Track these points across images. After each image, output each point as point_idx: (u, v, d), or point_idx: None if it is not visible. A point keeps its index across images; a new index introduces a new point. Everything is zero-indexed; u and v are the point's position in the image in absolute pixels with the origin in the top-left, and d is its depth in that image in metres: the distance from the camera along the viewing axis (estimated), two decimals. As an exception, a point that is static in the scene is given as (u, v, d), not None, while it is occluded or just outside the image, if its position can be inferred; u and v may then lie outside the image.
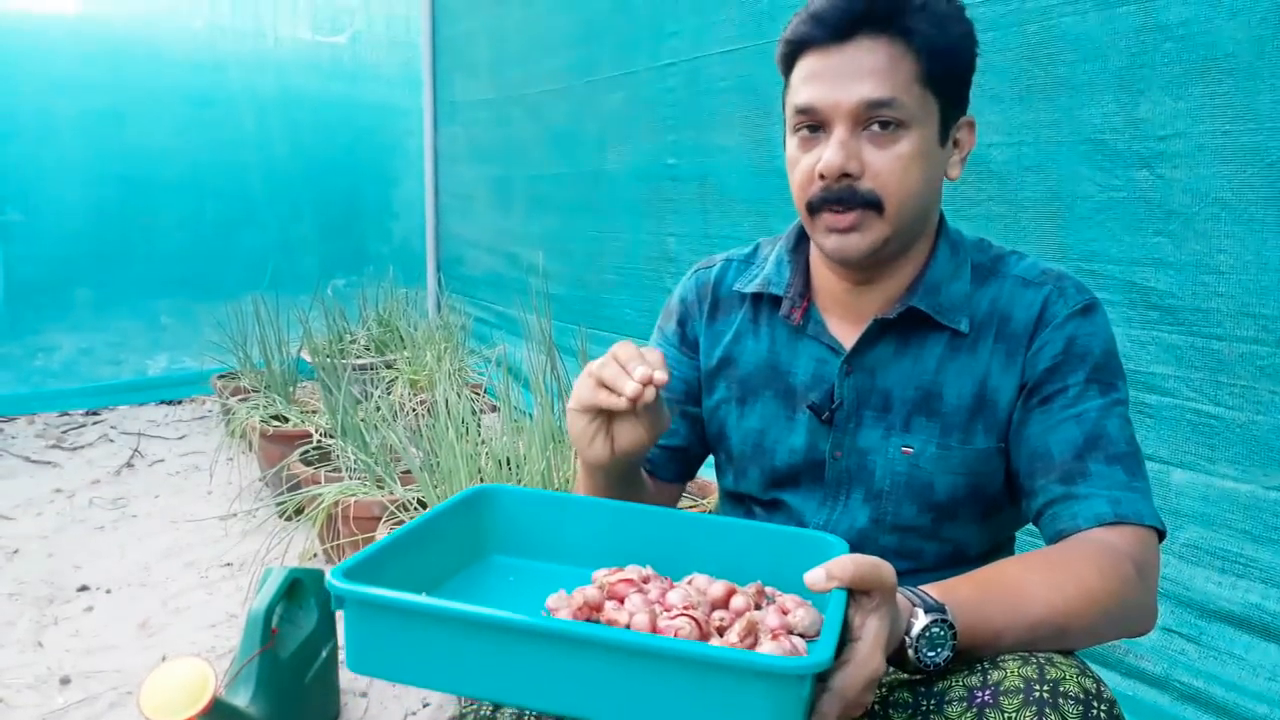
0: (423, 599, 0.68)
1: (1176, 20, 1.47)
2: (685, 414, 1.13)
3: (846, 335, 1.02)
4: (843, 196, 0.92)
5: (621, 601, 0.79)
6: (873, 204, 0.92)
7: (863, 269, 0.99)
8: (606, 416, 0.91)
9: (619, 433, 0.91)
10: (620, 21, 3.02)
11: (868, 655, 0.68)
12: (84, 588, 2.44)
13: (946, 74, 0.93)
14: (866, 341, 1.00)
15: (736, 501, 1.13)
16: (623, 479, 1.01)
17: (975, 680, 0.76)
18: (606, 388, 0.87)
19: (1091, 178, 1.61)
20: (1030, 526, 0.99)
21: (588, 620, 0.78)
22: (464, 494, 0.93)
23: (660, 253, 2.89)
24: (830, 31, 0.91)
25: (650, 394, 0.86)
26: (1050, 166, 1.68)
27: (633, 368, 0.86)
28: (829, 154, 0.91)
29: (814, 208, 0.95)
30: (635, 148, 2.99)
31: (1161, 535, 0.90)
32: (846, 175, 0.91)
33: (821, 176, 0.92)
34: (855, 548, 1.01)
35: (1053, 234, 1.68)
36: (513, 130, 3.89)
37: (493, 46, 4.02)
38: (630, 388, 0.85)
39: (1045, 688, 0.72)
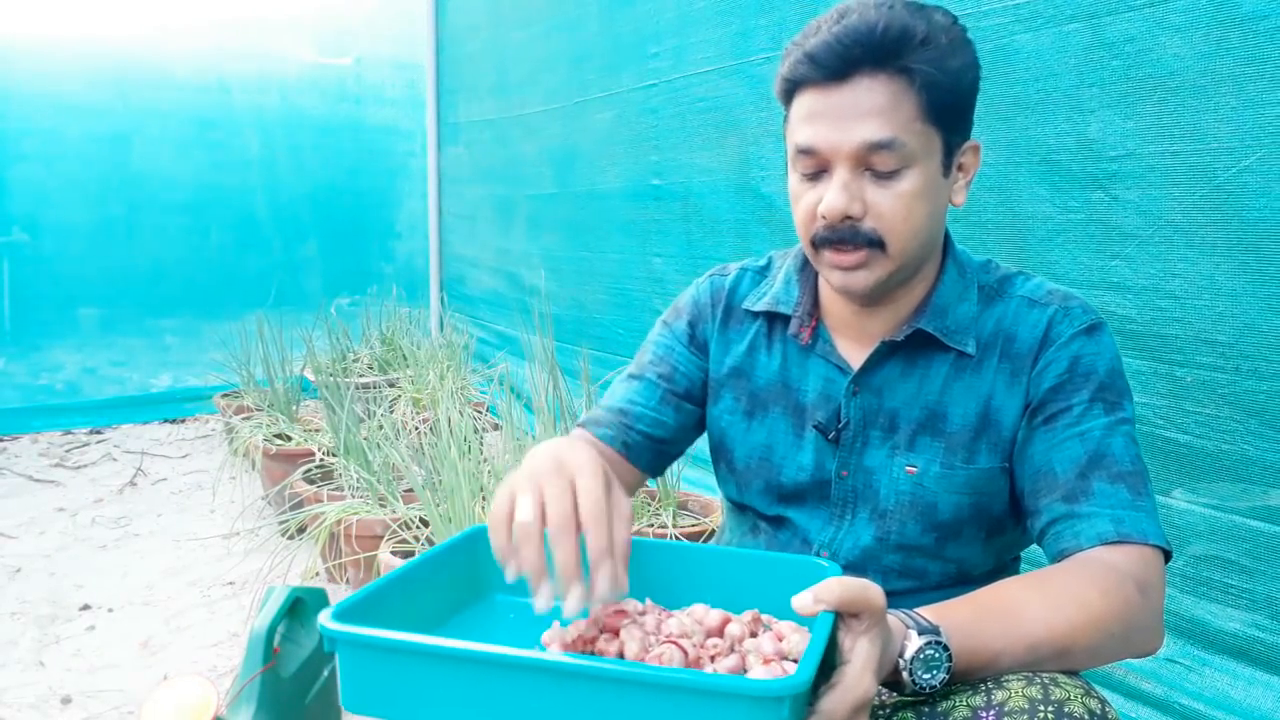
0: (409, 637, 0.69)
1: (1122, 37, 1.44)
2: (680, 408, 1.13)
3: (854, 355, 1.03)
4: (845, 237, 0.92)
5: (616, 634, 0.79)
6: (876, 243, 0.92)
7: (869, 301, 1.00)
8: None
9: None
10: (607, 42, 3.03)
11: (857, 678, 0.68)
12: (86, 607, 2.43)
13: (948, 107, 0.91)
14: (874, 362, 1.01)
15: (741, 511, 1.14)
16: None
17: (979, 700, 0.76)
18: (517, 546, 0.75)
19: (1049, 198, 1.58)
20: (1035, 548, 0.99)
21: (581, 653, 0.78)
22: (464, 534, 0.94)
23: (647, 273, 2.88)
24: (828, 73, 0.89)
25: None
26: (1010, 187, 1.65)
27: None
28: (830, 197, 0.91)
29: (817, 244, 0.95)
30: (623, 168, 2.99)
31: (1168, 555, 0.90)
32: (849, 217, 0.91)
33: (824, 217, 0.92)
34: (859, 566, 1.02)
35: (1014, 256, 1.66)
36: (512, 150, 3.92)
37: (494, 68, 4.05)
38: (509, 573, 0.74)
39: (1050, 708, 0.72)
